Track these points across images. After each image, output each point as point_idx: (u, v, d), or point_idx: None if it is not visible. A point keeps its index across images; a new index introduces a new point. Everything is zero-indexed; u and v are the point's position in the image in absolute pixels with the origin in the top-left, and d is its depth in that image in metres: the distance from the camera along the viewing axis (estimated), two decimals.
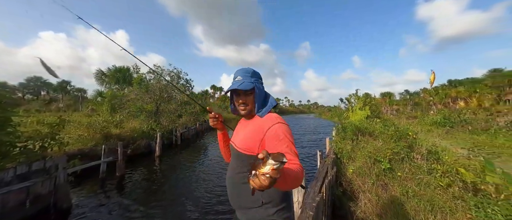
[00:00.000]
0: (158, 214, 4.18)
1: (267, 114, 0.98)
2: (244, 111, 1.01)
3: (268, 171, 0.53)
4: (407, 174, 3.61)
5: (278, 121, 0.91)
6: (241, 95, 0.99)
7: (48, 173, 4.09)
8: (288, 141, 0.83)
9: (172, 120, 12.12)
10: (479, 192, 2.46)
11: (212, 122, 1.16)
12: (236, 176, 0.97)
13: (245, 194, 0.93)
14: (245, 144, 0.94)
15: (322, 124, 25.37)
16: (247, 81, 0.97)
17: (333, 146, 6.15)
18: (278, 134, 0.86)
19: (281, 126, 0.88)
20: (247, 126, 1.02)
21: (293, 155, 0.80)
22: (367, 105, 11.53)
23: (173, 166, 7.86)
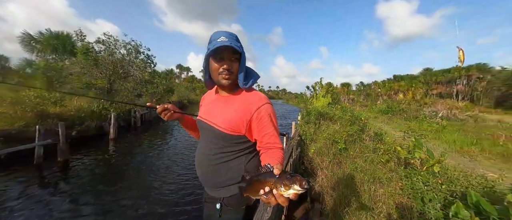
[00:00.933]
0: (113, 206, 3.71)
1: (254, 92, 0.90)
2: (228, 81, 0.86)
3: (291, 195, 0.51)
4: (357, 153, 4.16)
5: (267, 101, 0.86)
6: (226, 60, 0.84)
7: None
8: (275, 124, 0.86)
9: (130, 100, 10.82)
10: (409, 166, 3.03)
11: (164, 116, 0.97)
12: (215, 156, 0.90)
13: (224, 173, 0.90)
14: (230, 124, 0.86)
15: (289, 110, 26.76)
16: (234, 44, 0.81)
17: (298, 129, 6.59)
18: (265, 116, 0.84)
19: (269, 107, 0.86)
20: (229, 103, 0.90)
21: (277, 139, 0.85)
22: (329, 93, 12.57)
23: (131, 151, 7.18)
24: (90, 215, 3.37)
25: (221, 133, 0.87)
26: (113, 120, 8.62)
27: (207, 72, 0.92)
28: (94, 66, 9.78)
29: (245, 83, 0.88)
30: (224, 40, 0.82)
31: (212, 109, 0.95)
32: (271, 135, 0.84)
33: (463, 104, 14.91)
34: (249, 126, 0.86)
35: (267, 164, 0.60)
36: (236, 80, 0.88)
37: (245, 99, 0.88)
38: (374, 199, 2.78)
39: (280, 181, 0.52)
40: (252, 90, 0.92)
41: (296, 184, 0.50)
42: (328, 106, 8.30)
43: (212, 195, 0.94)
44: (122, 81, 10.77)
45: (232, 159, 0.90)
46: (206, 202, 0.99)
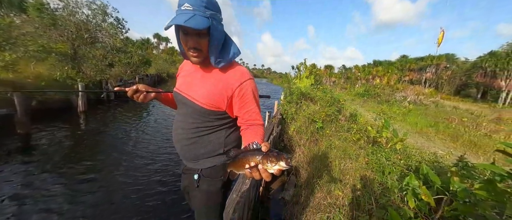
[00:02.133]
0: (83, 185, 3.45)
1: (236, 66, 0.83)
2: (197, 59, 0.77)
3: (276, 171, 0.54)
4: (333, 132, 4.45)
5: (249, 77, 0.81)
6: (191, 36, 0.72)
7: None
8: (257, 100, 0.84)
9: (100, 70, 9.76)
10: (376, 144, 3.35)
11: (137, 98, 0.88)
12: (193, 130, 0.86)
13: (203, 146, 0.88)
14: (209, 99, 0.81)
15: (273, 89, 26.91)
16: (199, 14, 0.68)
17: (280, 108, 6.73)
18: (248, 93, 0.80)
19: (251, 83, 0.81)
20: (208, 76, 0.83)
21: (259, 115, 0.83)
22: (313, 74, 12.78)
23: (105, 125, 6.74)
24: (56, 193, 3.21)
25: (200, 108, 0.82)
26: (81, 89, 7.83)
27: (180, 43, 0.80)
28: (52, 26, 8.37)
29: (218, 61, 0.78)
30: (188, 9, 0.67)
31: (190, 81, 0.88)
32: (253, 112, 0.82)
33: (429, 91, 16.44)
34: (230, 102, 0.82)
35: (255, 142, 0.61)
36: (208, 58, 0.78)
37: (226, 73, 0.81)
38: (343, 173, 3.07)
39: (267, 157, 0.54)
40: (234, 63, 0.84)
41: (282, 161, 0.53)
42: (310, 87, 8.50)
43: (190, 167, 0.93)
44: (89, 47, 9.50)
45: (211, 133, 0.87)
46: (184, 173, 0.99)
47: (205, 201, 0.93)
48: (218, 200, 0.94)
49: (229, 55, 0.80)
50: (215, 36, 0.74)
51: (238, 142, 0.93)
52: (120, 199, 3.13)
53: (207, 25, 0.69)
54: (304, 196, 2.97)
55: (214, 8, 0.73)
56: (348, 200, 2.41)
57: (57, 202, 2.94)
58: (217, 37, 0.75)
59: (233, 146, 0.91)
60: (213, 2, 0.72)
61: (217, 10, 0.73)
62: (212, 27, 0.71)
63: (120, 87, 0.89)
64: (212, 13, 0.71)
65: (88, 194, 3.18)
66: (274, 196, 3.57)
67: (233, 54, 0.81)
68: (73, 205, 2.91)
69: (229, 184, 0.97)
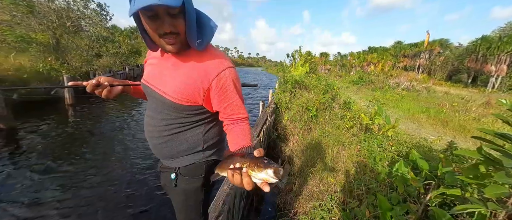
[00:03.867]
0: (74, 181, 3.42)
1: (211, 51, 0.70)
2: (174, 46, 0.63)
3: (261, 180, 0.46)
4: (326, 119, 4.45)
5: (228, 65, 0.69)
6: (162, 19, 0.57)
7: None
8: (239, 90, 0.73)
9: (86, 60, 9.33)
10: (368, 131, 3.37)
11: (100, 94, 0.78)
12: (166, 127, 0.76)
13: (178, 144, 0.78)
14: (181, 93, 0.69)
15: (271, 79, 26.70)
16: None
17: (274, 97, 6.67)
18: (228, 84, 0.69)
19: (231, 72, 0.69)
20: (180, 66, 0.70)
21: (242, 108, 0.73)
22: (308, 62, 12.63)
23: (95, 118, 6.55)
24: (44, 191, 3.14)
25: (171, 103, 0.71)
26: (66, 83, 7.50)
27: (144, 32, 0.65)
28: (29, 14, 7.81)
29: (199, 43, 0.65)
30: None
31: (160, 71, 0.75)
32: (235, 105, 0.72)
33: (422, 77, 16.61)
34: (207, 95, 0.70)
35: (246, 147, 0.60)
36: (186, 41, 0.65)
37: (202, 61, 0.68)
38: (336, 160, 3.10)
39: (256, 162, 0.47)
40: (210, 48, 0.71)
41: (270, 169, 0.44)
42: (305, 75, 8.41)
43: (166, 165, 0.86)
44: (72, 36, 8.97)
45: (188, 130, 0.77)
46: (161, 172, 0.91)
47: (183, 200, 0.86)
48: (199, 198, 0.87)
49: (207, 30, 0.67)
50: (191, 12, 0.60)
51: (219, 137, 0.85)
52: (109, 192, 3.10)
53: (181, 1, 0.55)
54: (297, 184, 3.01)
55: None
56: (340, 186, 2.45)
57: (45, 198, 2.88)
58: (191, 15, 0.60)
59: (213, 142, 0.83)
60: None
61: None
62: (186, 3, 0.57)
63: (76, 82, 0.76)
64: None
65: (78, 188, 3.12)
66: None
67: (211, 29, 0.67)
68: (62, 199, 2.86)
69: (210, 182, 0.89)
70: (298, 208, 2.61)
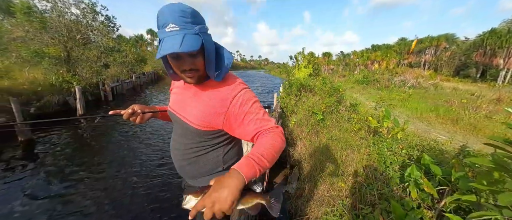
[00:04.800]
0: (89, 181, 3.65)
1: (226, 78, 0.76)
2: (193, 80, 0.72)
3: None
4: (333, 123, 4.45)
5: (242, 88, 0.74)
6: (184, 59, 0.66)
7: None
8: (257, 109, 0.73)
9: (96, 71, 9.62)
10: (377, 134, 3.36)
11: (134, 120, 0.88)
12: (190, 150, 0.83)
13: (201, 166, 0.85)
14: (203, 120, 0.76)
15: (274, 82, 26.73)
16: (189, 33, 0.62)
17: (280, 101, 6.70)
18: (246, 101, 0.72)
19: (246, 93, 0.73)
20: (201, 95, 0.78)
21: (266, 121, 0.72)
22: (311, 63, 12.63)
23: (105, 128, 6.74)
24: (61, 200, 3.26)
25: (194, 129, 0.78)
26: (78, 94, 7.76)
27: (168, 66, 0.73)
28: (42, 29, 8.15)
29: (217, 74, 0.73)
30: (174, 30, 0.61)
31: (182, 100, 0.83)
32: (256, 120, 0.70)
33: (428, 73, 16.33)
34: (227, 119, 0.74)
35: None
36: (204, 74, 0.73)
37: (219, 88, 0.75)
38: (345, 164, 3.10)
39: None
40: (226, 77, 0.77)
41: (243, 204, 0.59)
42: (309, 77, 8.42)
43: (190, 184, 0.92)
44: (82, 48, 9.29)
45: (209, 152, 0.84)
46: (185, 189, 0.98)
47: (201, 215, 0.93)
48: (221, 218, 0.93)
49: (224, 62, 0.74)
50: (208, 49, 0.67)
51: (237, 157, 0.90)
52: (121, 199, 3.20)
53: (200, 44, 0.63)
54: (307, 189, 3.02)
55: (200, 20, 0.66)
56: (351, 191, 2.45)
57: (62, 204, 2.99)
58: (210, 50, 0.68)
59: (233, 162, 0.88)
60: (196, 14, 0.65)
61: (202, 21, 0.67)
62: (204, 43, 0.65)
63: (115, 111, 0.86)
64: (200, 27, 0.64)
65: (91, 195, 3.23)
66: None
67: (228, 60, 0.75)
68: (77, 206, 2.97)
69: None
70: (310, 214, 2.62)
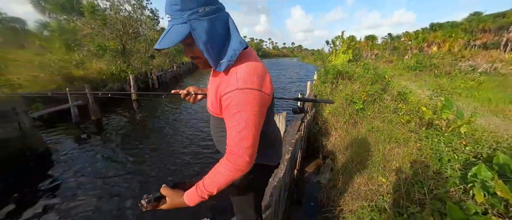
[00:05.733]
0: (147, 151, 4.38)
1: (232, 70, 0.65)
2: (200, 65, 0.72)
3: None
4: (375, 113, 4.01)
5: (237, 87, 0.61)
6: (185, 47, 0.67)
7: (6, 117, 3.68)
8: (238, 121, 0.62)
9: (145, 62, 10.90)
10: (432, 127, 2.88)
11: (189, 99, 0.98)
12: (215, 130, 0.90)
13: (224, 145, 0.88)
14: (212, 106, 0.76)
15: (309, 70, 25.49)
16: (176, 23, 0.59)
17: (313, 89, 6.36)
18: (229, 108, 0.63)
19: (237, 96, 0.61)
20: (212, 82, 0.78)
21: (237, 142, 0.63)
22: (351, 48, 11.42)
23: (153, 110, 7.70)
24: (125, 166, 3.95)
25: (211, 114, 0.84)
26: (132, 82, 9.00)
27: None
28: (104, 25, 9.58)
29: (219, 65, 0.65)
30: (168, 20, 0.60)
31: (208, 85, 0.89)
32: (230, 134, 0.65)
33: (510, 56, 12.80)
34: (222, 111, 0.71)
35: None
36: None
37: (220, 80, 0.69)
38: (387, 158, 2.80)
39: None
40: (237, 62, 0.66)
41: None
42: (348, 63, 7.67)
43: None
44: (133, 41, 10.60)
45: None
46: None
47: (234, 192, 0.98)
48: (249, 194, 0.96)
49: (227, 51, 0.64)
50: (199, 39, 0.60)
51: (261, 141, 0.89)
52: (168, 165, 3.83)
53: (185, 33, 0.58)
54: (342, 181, 2.87)
55: (192, 4, 0.57)
56: (394, 188, 2.22)
57: (125, 170, 3.63)
58: (203, 40, 0.60)
59: None
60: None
61: (195, 4, 0.57)
62: (192, 31, 0.58)
63: (176, 90, 1.01)
64: (190, 13, 0.57)
65: (145, 163, 3.82)
66: (309, 179, 3.56)
67: (233, 51, 0.64)
68: (135, 172, 3.56)
69: (257, 186, 0.96)
70: (343, 206, 2.50)
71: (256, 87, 0.62)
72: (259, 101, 0.63)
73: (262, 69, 0.67)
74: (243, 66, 0.65)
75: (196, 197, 0.69)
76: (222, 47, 0.64)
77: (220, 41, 0.63)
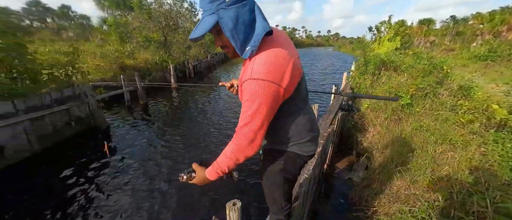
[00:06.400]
0: (183, 135, 4.85)
1: (253, 59, 0.69)
2: (229, 54, 0.76)
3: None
4: (426, 110, 3.48)
5: (251, 77, 0.66)
6: (214, 36, 0.72)
7: (80, 99, 4.51)
8: (249, 106, 0.68)
9: (183, 52, 11.73)
10: (504, 129, 2.35)
11: (232, 91, 1.09)
12: None
13: None
14: (239, 93, 0.81)
15: (346, 60, 23.56)
16: (206, 14, 0.65)
17: (351, 81, 5.85)
18: (244, 94, 0.69)
19: (251, 84, 0.66)
20: (242, 72, 0.82)
21: (244, 121, 0.69)
22: (399, 35, 9.95)
23: (190, 96, 8.35)
24: (168, 142, 4.50)
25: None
26: (172, 70, 9.84)
27: None
28: (149, 19, 10.59)
29: (245, 53, 0.68)
30: (201, 14, 0.66)
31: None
32: (240, 118, 0.71)
33: None
34: None
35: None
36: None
37: (246, 67, 0.73)
38: (438, 162, 2.44)
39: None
40: (258, 52, 0.69)
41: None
42: (395, 52, 6.74)
43: None
44: (173, 33, 11.46)
45: None
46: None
47: (265, 176, 1.00)
48: (279, 180, 0.97)
49: (252, 38, 0.67)
50: (226, 27, 0.63)
51: (284, 131, 0.86)
52: (201, 145, 4.27)
53: (213, 23, 0.63)
54: (378, 182, 2.65)
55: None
56: (444, 196, 1.93)
57: (168, 146, 4.11)
58: (229, 27, 0.64)
59: (278, 135, 0.87)
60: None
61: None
62: (219, 20, 0.63)
63: (223, 82, 1.16)
64: (217, 4, 0.62)
65: (184, 143, 4.26)
66: (339, 174, 3.39)
67: (256, 36, 0.66)
68: (177, 150, 4.01)
69: (288, 175, 0.96)
70: (378, 208, 2.32)
71: (268, 79, 0.64)
72: (269, 92, 0.65)
73: (282, 59, 0.68)
74: (262, 55, 0.67)
75: (214, 173, 0.80)
76: (248, 34, 0.67)
77: (245, 29, 0.66)
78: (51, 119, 3.95)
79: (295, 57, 0.73)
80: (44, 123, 3.83)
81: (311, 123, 0.90)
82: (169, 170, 3.49)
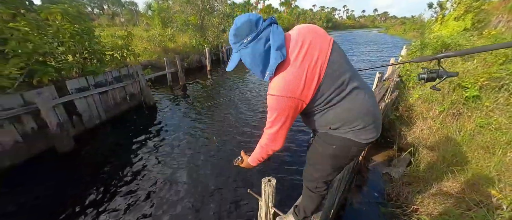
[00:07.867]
0: (217, 114, 5.19)
1: (274, 78, 0.81)
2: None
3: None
4: (498, 104, 2.87)
5: (268, 92, 0.83)
6: None
7: (133, 77, 5.17)
8: (270, 114, 0.85)
9: (217, 35, 11.99)
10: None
11: None
12: None
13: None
14: None
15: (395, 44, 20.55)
16: (234, 52, 0.83)
17: (399, 68, 5.15)
18: (267, 103, 0.85)
19: (269, 98, 0.82)
20: None
21: (265, 128, 0.90)
22: (470, 12, 8.04)
23: (223, 79, 8.68)
24: (204, 119, 4.91)
25: None
26: (207, 54, 10.27)
27: None
28: (187, 3, 10.99)
29: (266, 77, 0.82)
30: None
31: None
32: (268, 122, 0.87)
33: None
34: None
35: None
36: None
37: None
38: (507, 166, 2.06)
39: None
40: (275, 73, 0.80)
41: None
42: (463, 34, 5.55)
43: None
44: (209, 16, 11.70)
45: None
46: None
47: (314, 157, 1.05)
48: (324, 163, 1.01)
49: (268, 66, 0.79)
50: (246, 63, 0.81)
51: (324, 122, 0.90)
52: (236, 123, 4.36)
53: (238, 59, 0.82)
54: (422, 180, 2.40)
55: (240, 37, 0.77)
56: (511, 204, 1.65)
57: (205, 124, 4.48)
58: (248, 62, 0.80)
59: (331, 121, 0.90)
60: (237, 33, 0.77)
61: (242, 35, 0.76)
62: (241, 57, 0.81)
63: None
64: (240, 44, 0.78)
65: (217, 119, 4.54)
66: (375, 168, 3.19)
67: (270, 67, 0.78)
68: (210, 125, 4.33)
69: (336, 159, 0.98)
70: (420, 207, 2.14)
71: (281, 94, 0.77)
72: (283, 104, 0.79)
73: (292, 76, 0.76)
74: (277, 76, 0.79)
75: (254, 161, 1.05)
76: (265, 62, 0.79)
77: (262, 59, 0.79)
78: (112, 94, 4.68)
79: (310, 61, 0.76)
80: (108, 97, 4.57)
81: (365, 109, 0.85)
82: (207, 144, 3.81)
